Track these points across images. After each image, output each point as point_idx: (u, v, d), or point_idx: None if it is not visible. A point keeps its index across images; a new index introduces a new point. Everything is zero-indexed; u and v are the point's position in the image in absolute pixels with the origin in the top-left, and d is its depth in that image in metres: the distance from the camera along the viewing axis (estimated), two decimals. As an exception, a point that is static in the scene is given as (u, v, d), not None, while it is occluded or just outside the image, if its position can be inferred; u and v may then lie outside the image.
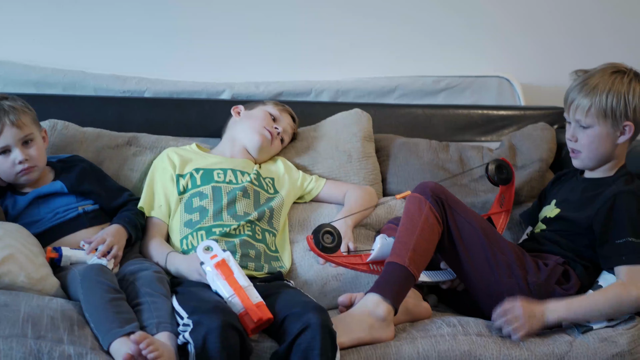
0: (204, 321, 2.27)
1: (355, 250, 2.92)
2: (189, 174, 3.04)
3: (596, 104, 2.75)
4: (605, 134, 2.78)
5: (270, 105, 3.34)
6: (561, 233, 2.84)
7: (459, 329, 2.58)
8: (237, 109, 3.32)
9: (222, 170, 3.06)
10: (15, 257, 2.54)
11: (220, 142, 3.29)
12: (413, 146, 3.54)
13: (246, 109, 3.33)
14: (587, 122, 2.79)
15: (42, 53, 3.67)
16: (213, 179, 3.02)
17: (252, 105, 3.35)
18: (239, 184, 3.02)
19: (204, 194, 2.98)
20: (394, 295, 2.54)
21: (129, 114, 3.49)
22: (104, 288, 2.46)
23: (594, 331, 2.62)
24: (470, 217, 2.72)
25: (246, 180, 3.05)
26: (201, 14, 3.80)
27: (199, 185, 3.01)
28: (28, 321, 2.31)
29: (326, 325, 2.31)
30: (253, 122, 3.22)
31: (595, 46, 4.18)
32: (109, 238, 2.79)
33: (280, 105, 3.37)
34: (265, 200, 3.05)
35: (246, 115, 3.28)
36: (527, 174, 3.41)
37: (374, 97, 3.91)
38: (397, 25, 4.00)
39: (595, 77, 2.78)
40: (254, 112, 3.28)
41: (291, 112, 3.39)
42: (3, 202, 2.93)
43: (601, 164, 2.86)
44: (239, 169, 3.08)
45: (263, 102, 3.37)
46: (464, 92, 4.01)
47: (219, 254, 2.54)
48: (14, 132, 2.84)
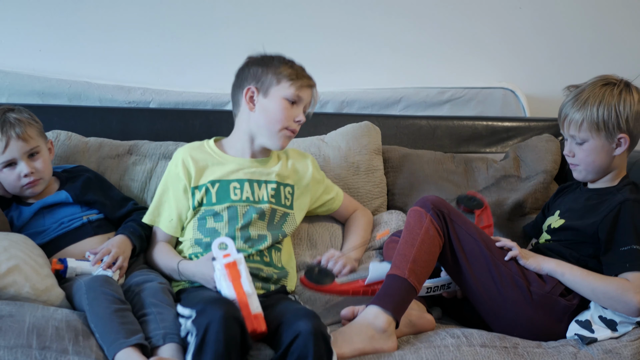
0: (207, 310, 2.28)
1: (352, 272, 2.95)
2: (205, 188, 2.89)
3: (588, 118, 2.75)
4: (601, 146, 2.78)
5: (285, 82, 2.86)
6: (565, 243, 2.84)
7: (463, 340, 2.57)
8: (250, 94, 2.89)
9: (239, 182, 2.91)
10: (20, 268, 2.55)
11: (236, 135, 2.99)
12: (417, 157, 3.54)
13: (260, 92, 2.88)
14: (581, 137, 2.79)
15: (47, 64, 3.69)
16: (229, 196, 2.88)
17: (265, 86, 2.88)
18: (255, 203, 2.90)
19: (219, 215, 2.87)
20: (394, 306, 2.54)
21: (134, 124, 3.49)
22: (109, 299, 2.47)
23: (598, 342, 2.61)
24: (472, 230, 2.72)
25: (263, 197, 2.92)
26: (206, 25, 3.81)
27: (214, 204, 2.88)
28: (33, 332, 2.31)
29: (319, 330, 2.31)
30: (272, 120, 2.87)
31: (600, 57, 4.20)
32: (114, 249, 2.79)
33: (296, 74, 2.90)
34: (280, 219, 2.96)
35: (262, 108, 2.87)
36: (531, 186, 3.41)
37: (379, 108, 3.92)
38: (401, 37, 4.01)
39: (586, 91, 2.79)
40: (270, 104, 2.86)
41: (309, 80, 2.95)
42: (8, 213, 2.93)
43: (601, 176, 2.87)
44: (256, 179, 2.93)
45: (276, 76, 2.87)
46: (468, 103, 4.02)
47: (232, 254, 2.51)
48: (19, 145, 2.85)
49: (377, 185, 3.41)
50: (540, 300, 2.66)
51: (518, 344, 2.59)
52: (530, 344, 2.60)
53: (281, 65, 2.90)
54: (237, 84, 2.96)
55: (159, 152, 3.31)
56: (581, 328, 2.65)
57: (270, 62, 2.91)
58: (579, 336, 2.62)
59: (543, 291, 2.67)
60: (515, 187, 3.45)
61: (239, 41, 3.78)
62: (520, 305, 2.65)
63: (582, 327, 2.65)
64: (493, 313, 2.70)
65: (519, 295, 2.66)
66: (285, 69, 2.88)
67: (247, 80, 2.91)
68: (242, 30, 3.83)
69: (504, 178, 3.49)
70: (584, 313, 2.69)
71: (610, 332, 2.64)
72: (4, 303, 2.44)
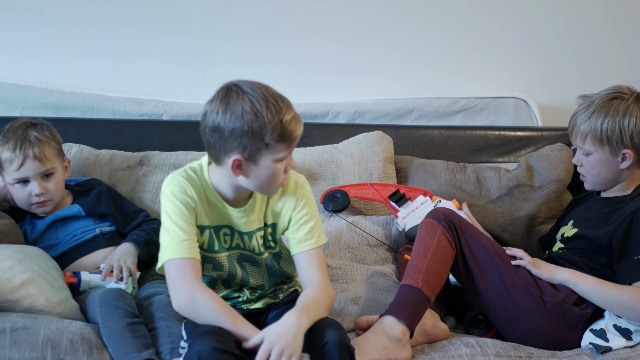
0: (195, 345, 2.20)
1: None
2: (199, 231, 2.49)
3: (592, 132, 2.75)
4: (605, 160, 2.78)
5: (276, 146, 2.34)
6: (579, 252, 2.83)
7: (477, 350, 2.56)
8: (237, 164, 2.36)
9: (230, 229, 2.53)
10: (34, 280, 2.55)
11: (219, 179, 2.46)
12: (430, 167, 3.54)
13: (248, 160, 2.34)
14: (586, 149, 2.80)
15: (60, 77, 3.70)
16: (221, 245, 2.52)
17: (254, 155, 2.33)
18: (246, 250, 2.56)
19: (219, 265, 2.53)
20: (408, 316, 2.53)
21: (147, 136, 3.51)
22: (122, 312, 2.48)
23: (613, 351, 2.60)
24: (483, 241, 2.72)
25: (255, 249, 2.56)
26: (217, 37, 3.82)
27: (206, 250, 2.51)
28: (47, 344, 2.31)
29: (344, 342, 2.29)
30: (264, 184, 2.42)
31: (612, 66, 4.20)
32: (117, 261, 2.80)
33: (285, 129, 2.34)
34: (274, 258, 2.63)
35: (252, 174, 2.38)
36: (544, 195, 3.41)
37: (391, 118, 3.92)
38: (413, 47, 4.02)
39: (594, 103, 2.78)
40: (261, 171, 2.38)
41: (298, 127, 2.40)
42: (22, 226, 2.94)
43: (609, 187, 2.87)
44: (246, 232, 2.54)
45: (265, 141, 2.31)
46: (480, 113, 4.02)
47: None
48: (35, 166, 2.86)
49: (391, 192, 3.40)
50: (554, 310, 2.65)
51: (532, 354, 2.58)
52: (545, 354, 2.59)
53: (267, 125, 2.30)
54: (214, 139, 2.37)
55: (169, 163, 3.33)
56: (596, 337, 2.64)
57: (252, 122, 2.30)
58: (594, 345, 2.61)
59: (556, 300, 2.66)
60: (528, 197, 3.45)
61: (251, 54, 3.79)
62: (533, 315, 2.65)
63: (597, 336, 2.64)
64: (507, 323, 2.69)
65: (532, 304, 2.66)
66: (274, 129, 2.31)
67: (228, 144, 2.34)
68: (253, 42, 3.84)
69: (517, 187, 3.49)
70: (599, 322, 2.68)
71: (625, 340, 2.63)
72: (18, 315, 2.44)
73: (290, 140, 2.37)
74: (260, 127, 2.30)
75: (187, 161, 3.34)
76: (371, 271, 3.08)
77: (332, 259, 3.14)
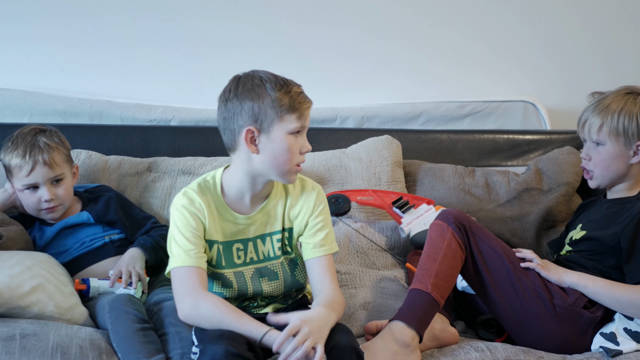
0: (207, 350, 2.23)
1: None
2: (208, 246, 2.51)
3: (608, 123, 2.77)
4: (618, 152, 2.80)
5: (287, 116, 2.41)
6: (587, 254, 2.83)
7: (487, 354, 2.55)
8: (251, 136, 2.42)
9: (243, 243, 2.56)
10: (44, 286, 2.55)
11: (235, 174, 2.52)
12: (439, 171, 3.54)
13: (261, 132, 2.41)
14: (600, 140, 2.81)
15: (69, 83, 3.70)
16: (233, 261, 2.54)
17: (266, 125, 2.41)
18: (261, 262, 2.58)
19: (228, 281, 2.54)
20: (418, 321, 2.52)
21: (155, 142, 3.51)
22: (132, 318, 2.48)
23: (624, 355, 2.59)
24: (493, 243, 2.72)
25: (270, 253, 2.59)
26: (226, 44, 3.83)
27: (214, 266, 2.53)
28: (57, 350, 2.31)
29: (353, 346, 2.30)
30: (279, 162, 2.44)
31: (620, 70, 4.19)
32: (125, 266, 2.80)
33: (296, 100, 2.44)
34: (289, 265, 2.65)
35: (266, 150, 2.43)
36: (553, 198, 3.40)
37: (399, 123, 3.92)
38: (421, 51, 4.02)
39: (608, 98, 2.81)
40: (275, 145, 2.42)
41: (308, 102, 2.49)
42: (31, 233, 2.94)
43: (615, 183, 2.88)
44: (259, 235, 2.57)
45: (276, 110, 2.40)
46: (489, 117, 4.02)
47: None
48: (44, 172, 2.86)
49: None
50: (564, 313, 2.65)
51: (542, 357, 2.57)
52: (555, 357, 2.59)
53: (276, 94, 2.41)
54: (228, 118, 2.45)
55: (177, 168, 3.33)
56: (606, 340, 2.63)
57: (262, 93, 2.41)
58: (604, 349, 2.61)
59: (566, 304, 2.65)
60: (537, 200, 3.45)
61: (258, 59, 3.79)
62: (543, 318, 2.64)
63: (607, 339, 2.63)
64: (517, 326, 2.69)
65: (542, 308, 2.65)
66: (283, 97, 2.41)
67: (241, 117, 2.42)
68: (260, 48, 3.85)
69: (526, 191, 3.48)
70: (609, 325, 2.68)
71: (635, 344, 2.62)
72: (28, 322, 2.44)
73: (300, 111, 2.45)
74: (270, 96, 2.41)
75: (195, 167, 3.35)
76: (380, 276, 3.08)
77: (341, 264, 3.13)
